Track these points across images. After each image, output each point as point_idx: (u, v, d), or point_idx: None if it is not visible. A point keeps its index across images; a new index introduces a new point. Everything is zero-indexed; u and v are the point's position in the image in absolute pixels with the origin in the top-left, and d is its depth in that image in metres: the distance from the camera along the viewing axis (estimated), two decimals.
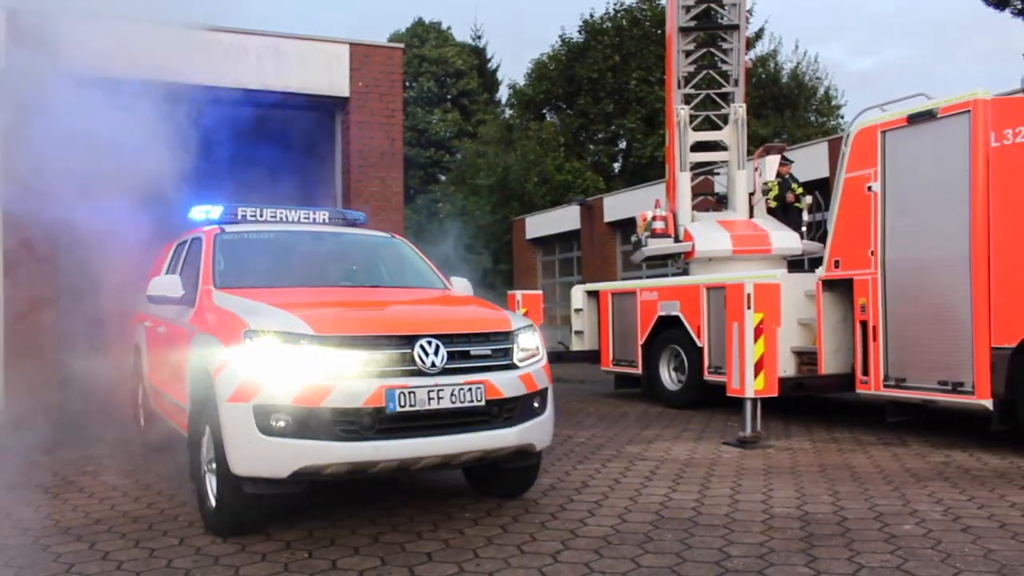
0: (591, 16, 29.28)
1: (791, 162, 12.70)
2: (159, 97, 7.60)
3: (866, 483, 5.98)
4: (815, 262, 11.03)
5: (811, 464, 6.75)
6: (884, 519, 4.97)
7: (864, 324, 8.03)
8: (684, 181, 12.76)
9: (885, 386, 7.84)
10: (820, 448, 7.48)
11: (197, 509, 5.19)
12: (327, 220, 7.05)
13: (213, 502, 4.85)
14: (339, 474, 4.55)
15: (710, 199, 14.50)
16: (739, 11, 12.94)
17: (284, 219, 6.87)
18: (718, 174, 14.37)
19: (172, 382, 6.05)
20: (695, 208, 12.81)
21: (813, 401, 10.50)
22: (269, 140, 10.95)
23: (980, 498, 5.44)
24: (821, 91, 29.89)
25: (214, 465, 4.80)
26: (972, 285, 7.07)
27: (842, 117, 30.31)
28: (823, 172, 16.46)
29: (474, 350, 4.97)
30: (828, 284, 8.55)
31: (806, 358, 9.00)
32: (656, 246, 12.42)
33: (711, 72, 13.58)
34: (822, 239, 11.74)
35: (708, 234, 11.69)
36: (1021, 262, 6.80)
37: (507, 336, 5.17)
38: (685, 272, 12.29)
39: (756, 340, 7.70)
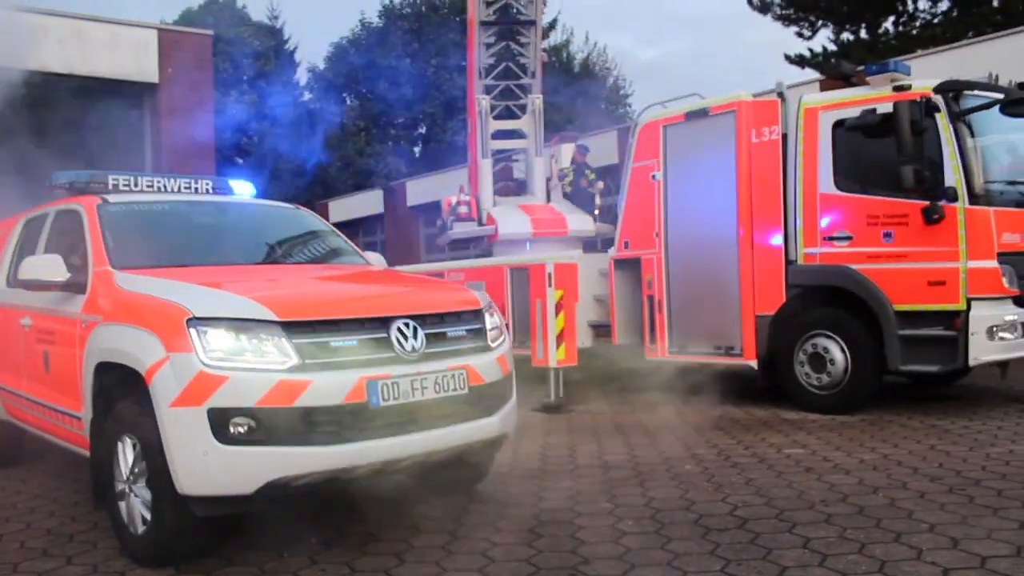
0: (391, 2, 29.47)
1: (588, 151, 13.66)
2: None
3: (655, 436, 6.85)
4: (607, 243, 12.06)
5: (609, 423, 7.59)
6: (670, 462, 5.82)
7: (651, 298, 8.97)
8: (486, 167, 13.43)
9: (670, 352, 8.82)
10: (616, 410, 8.35)
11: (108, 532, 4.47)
12: (210, 190, 6.17)
13: (140, 527, 4.05)
14: (314, 484, 3.86)
15: (510, 184, 15.30)
16: (535, 7, 13.73)
17: (163, 188, 6.02)
18: (517, 160, 15.19)
19: (52, 386, 5.13)
20: (496, 193, 13.55)
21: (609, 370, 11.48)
22: (74, 126, 10.56)
23: (746, 441, 6.44)
24: (610, 81, 31.69)
25: (142, 482, 4.01)
26: (739, 261, 8.13)
27: (629, 105, 32.32)
28: (613, 159, 17.69)
29: (450, 331, 4.37)
30: (619, 263, 9.44)
31: (602, 330, 9.88)
32: (461, 229, 13.07)
33: (510, 64, 14.31)
34: (613, 221, 12.84)
35: (510, 217, 12.44)
36: (771, 243, 7.92)
37: (478, 315, 4.60)
38: (489, 254, 13.00)
39: (557, 315, 8.47)
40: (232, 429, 3.66)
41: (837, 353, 7.50)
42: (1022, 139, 7.69)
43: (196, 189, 6.19)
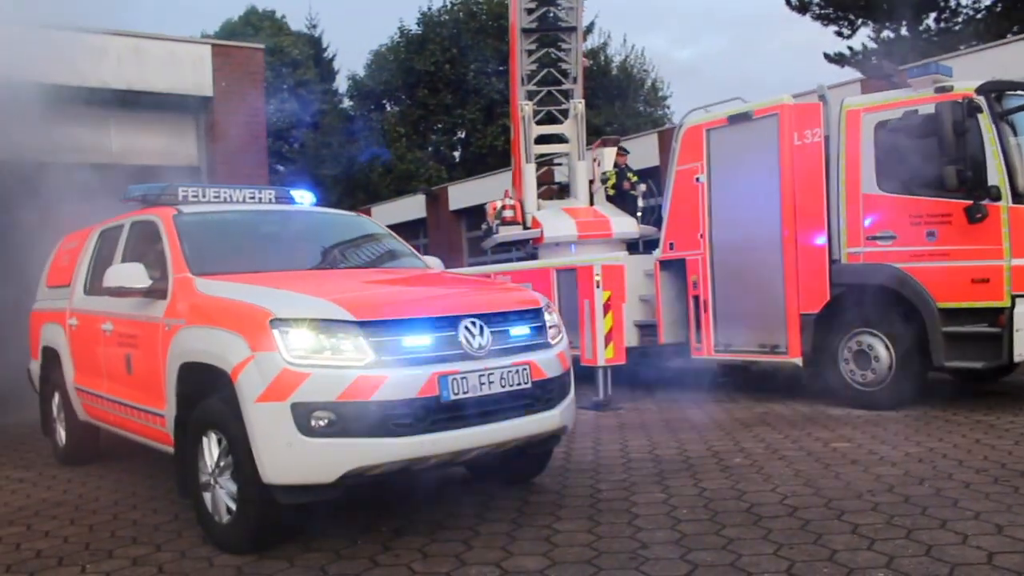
0: (429, 9, 29.91)
1: (627, 152, 13.86)
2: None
3: (703, 431, 7.05)
4: (649, 244, 12.26)
5: (656, 420, 7.79)
6: (719, 456, 6.02)
7: (696, 298, 9.17)
8: (529, 172, 13.68)
9: (716, 351, 9.01)
10: (663, 407, 8.55)
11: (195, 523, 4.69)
12: (273, 200, 6.45)
13: (225, 516, 4.34)
14: (389, 473, 4.13)
15: (553, 187, 15.55)
16: (576, 14, 13.96)
17: (229, 199, 6.27)
18: (559, 164, 15.43)
19: (135, 386, 5.41)
20: (540, 197, 13.80)
21: (654, 369, 11.67)
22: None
23: (793, 436, 6.61)
24: (648, 83, 31.82)
25: (228, 475, 4.30)
26: (783, 262, 8.30)
27: (668, 107, 32.43)
28: (654, 161, 17.89)
29: (512, 329, 4.61)
30: (664, 264, 9.64)
31: (647, 330, 10.08)
32: (507, 233, 13.32)
33: (551, 70, 14.56)
34: (656, 223, 13.03)
35: (555, 221, 12.67)
36: (815, 243, 8.07)
37: (539, 313, 4.86)
38: (533, 257, 13.25)
39: (605, 315, 8.70)
40: (314, 422, 3.92)
41: (881, 350, 7.64)
42: None
43: (260, 199, 6.48)
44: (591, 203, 13.57)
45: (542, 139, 14.33)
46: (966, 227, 7.09)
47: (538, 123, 14.26)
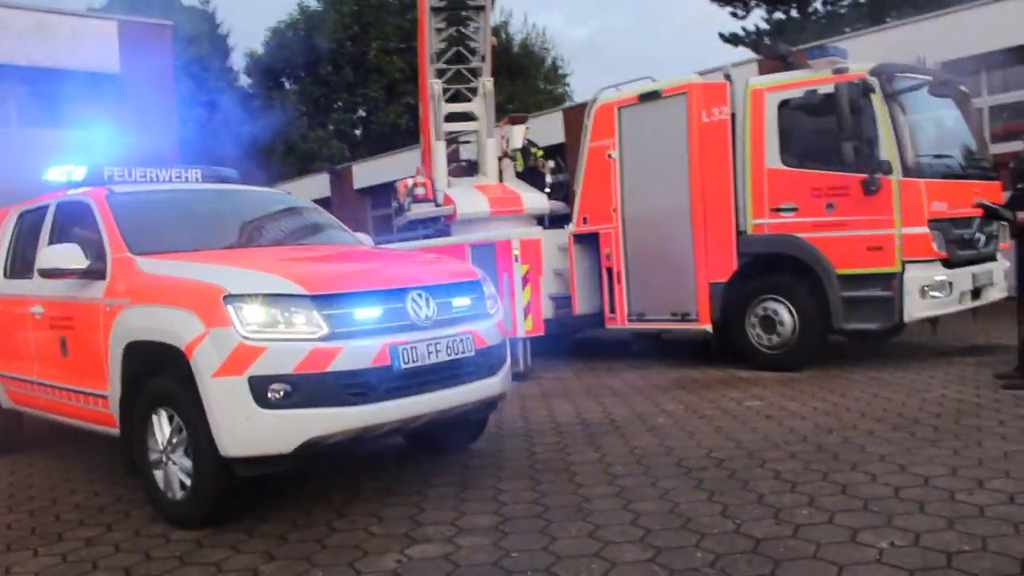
0: None
1: (528, 129, 14.10)
2: None
3: (623, 396, 7.41)
4: (554, 220, 12.58)
5: (577, 387, 8.12)
6: (643, 417, 6.37)
7: (610, 270, 9.52)
8: (439, 149, 13.76)
9: (629, 320, 9.39)
10: (581, 375, 8.89)
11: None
12: (199, 179, 6.40)
13: (179, 492, 4.41)
14: (344, 442, 4.28)
15: (462, 165, 15.69)
16: None
17: (155, 179, 6.20)
18: (467, 142, 15.57)
19: (72, 369, 5.38)
20: (449, 174, 13.93)
21: (566, 340, 12.03)
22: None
23: (708, 397, 7.03)
24: (549, 61, 32.17)
25: (180, 451, 4.38)
26: (692, 233, 8.71)
27: (567, 85, 32.87)
28: (560, 138, 18.24)
29: (454, 300, 4.79)
30: (578, 238, 9.94)
31: (561, 302, 10.37)
32: (420, 210, 13.39)
33: (460, 48, 14.66)
34: (564, 199, 13.38)
35: (467, 198, 12.82)
36: (724, 215, 8.51)
37: (477, 285, 5.08)
38: (444, 233, 13.39)
39: (524, 288, 8.97)
40: (271, 394, 4.01)
41: (785, 315, 8.14)
42: (947, 117, 8.43)
43: (186, 178, 6.41)
44: (500, 180, 13.80)
45: (451, 117, 14.44)
46: (862, 199, 7.61)
47: (447, 101, 14.37)
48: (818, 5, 23.90)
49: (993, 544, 3.37)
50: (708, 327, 8.69)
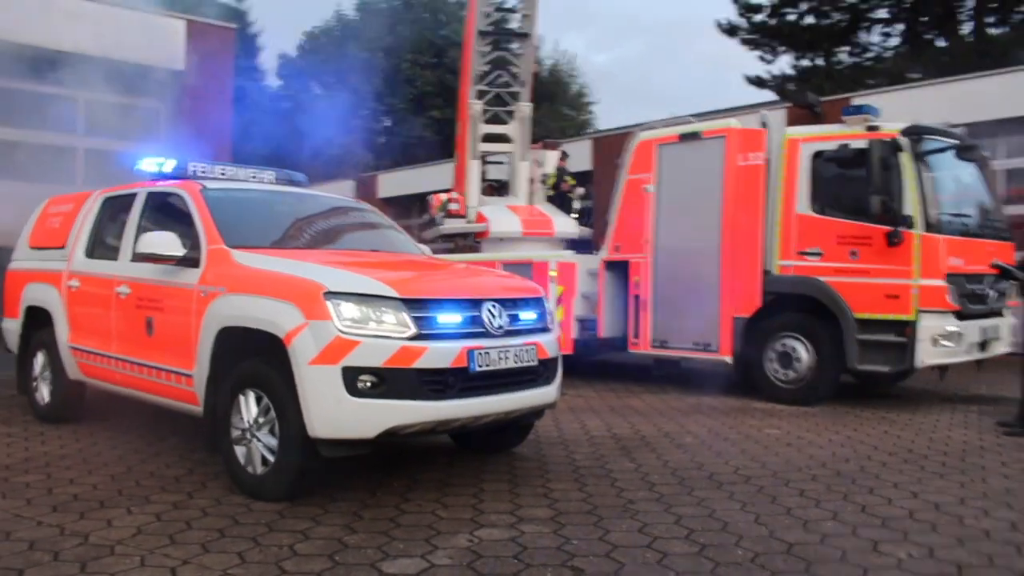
0: None
1: (567, 156, 14.69)
2: None
3: (647, 416, 7.90)
4: (580, 244, 13.11)
5: (602, 405, 8.60)
6: (671, 436, 6.86)
7: (637, 297, 10.03)
8: (474, 168, 14.36)
9: (653, 347, 9.90)
10: (604, 395, 9.37)
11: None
12: (273, 180, 6.96)
13: (260, 467, 4.84)
14: (422, 432, 4.75)
15: (493, 185, 16.24)
16: (531, 22, 14.67)
17: (235, 177, 6.74)
18: (498, 163, 16.12)
19: (154, 347, 5.79)
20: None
21: (588, 362, 12.51)
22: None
23: (730, 423, 7.52)
24: (575, 87, 32.83)
25: (265, 430, 4.82)
26: (720, 269, 9.23)
27: (592, 112, 33.53)
28: (587, 166, 18.81)
29: (522, 313, 5.28)
30: (609, 264, 10.46)
31: (587, 324, 10.90)
32: (452, 225, 13.95)
33: (502, 72, 15.23)
34: (589, 225, 13.93)
35: (500, 216, 13.37)
36: (752, 254, 9.03)
37: (541, 301, 5.58)
38: (472, 249, 13.89)
39: (557, 308, 9.48)
40: (360, 384, 4.47)
41: (803, 353, 8.65)
42: (967, 178, 8.97)
43: (261, 179, 6.96)
44: (530, 202, 14.34)
45: (487, 137, 14.99)
46: (884, 249, 8.14)
47: (484, 123, 14.92)
48: (844, 56, 24.54)
49: (999, 561, 3.87)
50: (728, 359, 9.19)
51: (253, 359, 4.99)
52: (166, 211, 6.26)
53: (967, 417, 7.88)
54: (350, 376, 4.49)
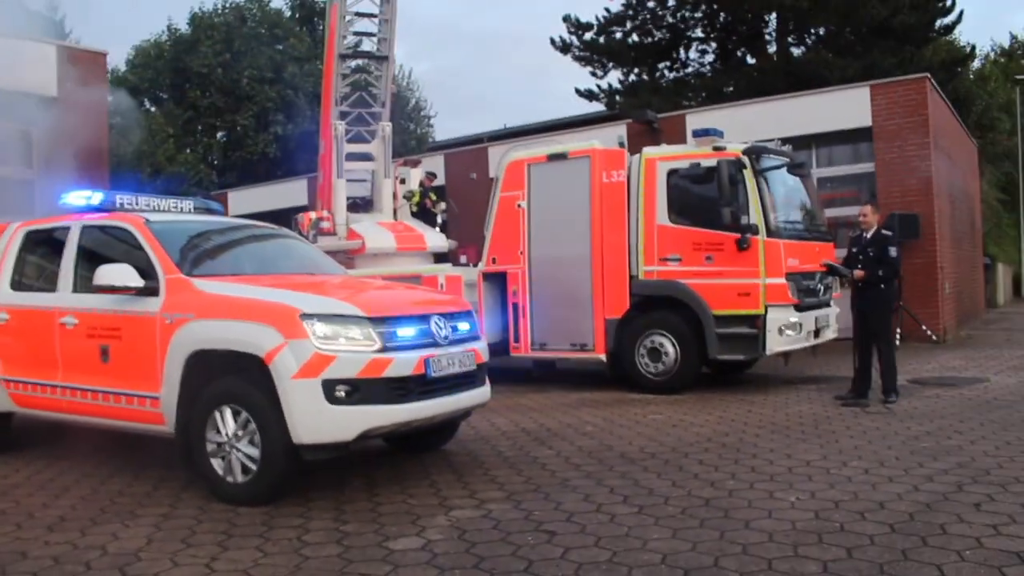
0: (200, 10, 29.64)
1: (434, 176, 15.49)
2: None
3: (542, 411, 8.82)
4: (439, 257, 13.92)
5: (498, 405, 9.36)
6: (572, 427, 7.81)
7: (516, 305, 10.96)
8: (340, 187, 14.87)
9: (533, 349, 10.85)
10: (495, 397, 10.11)
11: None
12: (191, 210, 7.37)
13: (240, 476, 5.34)
14: (389, 432, 5.59)
15: (356, 202, 16.76)
16: (389, 45, 15.34)
17: (156, 208, 7.10)
18: (361, 180, 16.66)
19: (112, 374, 6.10)
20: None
21: None
22: None
23: (616, 412, 8.57)
24: (413, 102, 33.55)
25: (244, 441, 5.32)
26: (592, 276, 10.31)
27: (431, 125, 34.40)
28: (440, 180, 19.62)
29: (459, 324, 6.05)
30: (487, 276, 11.31)
31: None
32: (326, 243, 14.40)
33: (363, 94, 15.83)
34: (451, 238, 14.78)
35: (374, 233, 13.96)
36: (619, 261, 10.16)
37: (471, 314, 6.43)
38: (348, 266, 14.39)
39: None
40: (337, 393, 5.11)
41: (669, 347, 9.86)
42: (797, 189, 10.49)
43: (182, 208, 7.36)
44: (395, 218, 15.03)
45: (351, 157, 15.53)
46: (734, 253, 9.45)
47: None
48: (666, 71, 26.65)
49: (861, 495, 5.06)
50: (603, 356, 10.28)
51: (226, 377, 5.53)
52: (105, 243, 6.61)
53: (810, 394, 9.33)
54: (328, 387, 5.11)
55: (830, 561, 3.99)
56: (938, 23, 24.48)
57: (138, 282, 5.95)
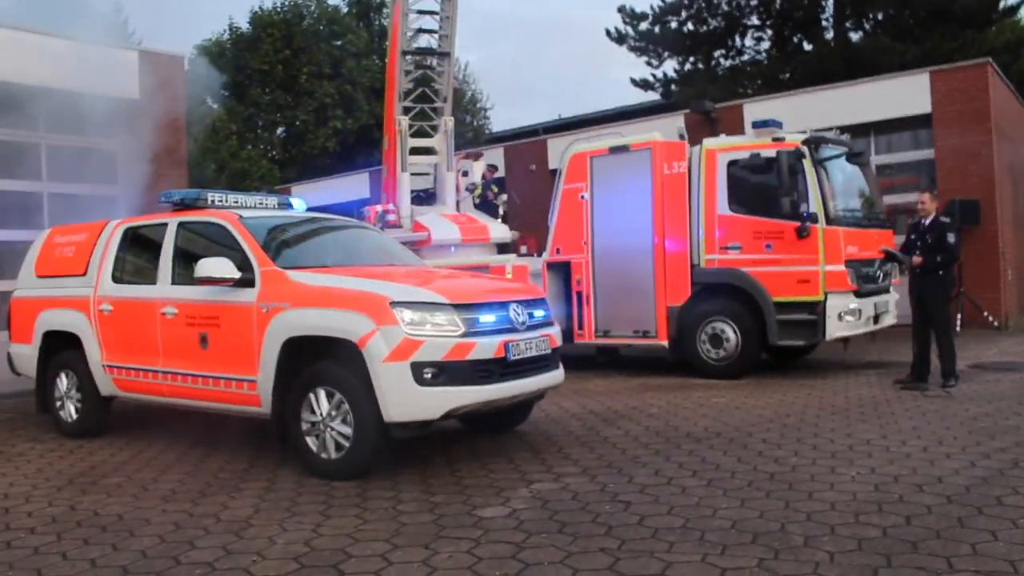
0: (260, 9, 30.46)
1: (496, 168, 15.89)
2: None
3: (609, 395, 9.19)
4: (503, 248, 14.30)
5: (565, 389, 9.66)
6: (638, 409, 8.16)
7: (579, 293, 11.31)
8: (405, 180, 15.33)
9: (596, 336, 11.21)
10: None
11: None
12: (276, 205, 7.84)
13: (334, 453, 5.80)
14: (471, 412, 5.92)
15: (420, 195, 17.26)
16: (450, 41, 15.77)
17: (244, 204, 7.55)
18: (424, 174, 17.14)
19: (211, 359, 6.57)
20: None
21: None
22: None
23: (680, 396, 8.89)
24: (469, 94, 33.99)
25: (338, 420, 5.76)
26: (654, 265, 10.62)
27: (487, 118, 34.84)
28: (500, 172, 20.03)
29: (534, 311, 6.42)
30: (552, 265, 11.69)
31: None
32: (392, 235, 14.87)
33: (426, 89, 16.29)
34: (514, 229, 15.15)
35: (440, 225, 14.42)
36: (680, 251, 10.45)
37: (544, 301, 6.81)
38: None
39: None
40: (425, 375, 5.55)
41: (730, 334, 10.13)
42: (855, 177, 10.66)
43: (267, 204, 7.84)
44: (458, 210, 15.47)
45: (413, 151, 16.01)
46: (794, 241, 9.69)
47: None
48: (722, 59, 26.69)
49: (919, 470, 5.34)
50: (665, 343, 10.59)
51: (321, 362, 5.99)
52: (201, 238, 7.15)
53: (869, 379, 9.53)
54: (417, 369, 5.54)
55: (889, 527, 4.30)
56: (1002, 4, 24.09)
57: (236, 274, 6.40)
